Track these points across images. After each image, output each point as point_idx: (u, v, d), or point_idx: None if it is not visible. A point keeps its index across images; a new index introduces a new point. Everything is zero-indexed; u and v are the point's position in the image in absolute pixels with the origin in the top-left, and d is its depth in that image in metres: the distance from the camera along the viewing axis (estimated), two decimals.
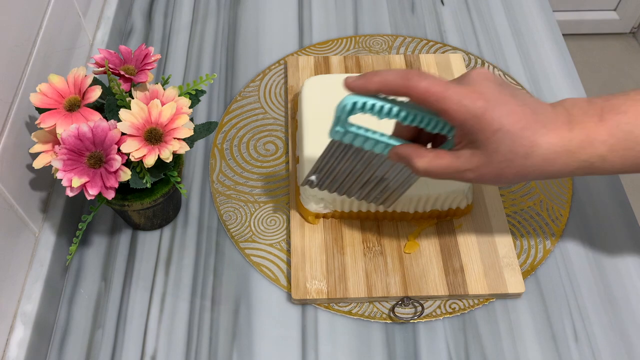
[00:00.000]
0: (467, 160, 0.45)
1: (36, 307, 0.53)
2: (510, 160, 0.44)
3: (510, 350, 0.55)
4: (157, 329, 0.56)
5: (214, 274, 0.59)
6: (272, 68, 0.75)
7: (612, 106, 0.44)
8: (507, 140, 0.43)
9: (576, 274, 0.59)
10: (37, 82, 0.54)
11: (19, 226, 0.53)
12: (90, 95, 0.51)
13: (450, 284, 0.57)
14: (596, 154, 0.44)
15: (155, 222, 0.61)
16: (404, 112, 0.45)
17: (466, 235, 0.60)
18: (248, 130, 0.69)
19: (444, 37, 0.79)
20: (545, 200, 0.64)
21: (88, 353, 0.54)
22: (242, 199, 0.64)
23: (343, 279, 0.57)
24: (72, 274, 0.59)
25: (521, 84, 0.74)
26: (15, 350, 0.50)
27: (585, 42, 1.92)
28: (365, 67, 0.73)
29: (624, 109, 0.44)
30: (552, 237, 0.62)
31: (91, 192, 0.48)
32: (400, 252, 0.59)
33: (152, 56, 0.55)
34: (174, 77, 0.74)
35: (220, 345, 0.55)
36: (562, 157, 0.44)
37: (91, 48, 0.70)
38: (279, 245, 0.60)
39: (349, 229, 0.60)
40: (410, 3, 0.83)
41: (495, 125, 0.43)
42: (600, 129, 0.44)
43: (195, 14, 0.81)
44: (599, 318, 0.57)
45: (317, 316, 0.57)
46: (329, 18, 0.81)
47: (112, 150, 0.49)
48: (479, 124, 0.43)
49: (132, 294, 0.58)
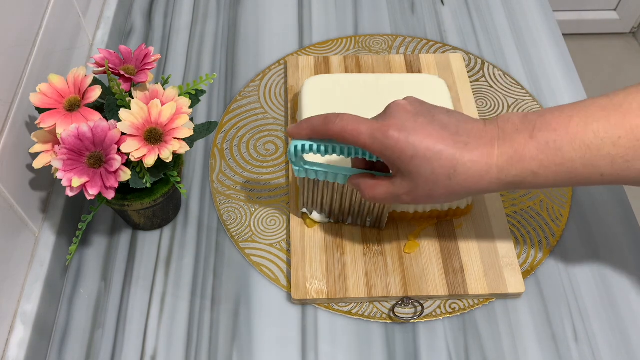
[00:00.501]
0: (400, 186, 0.48)
1: (36, 307, 0.53)
2: (434, 182, 0.46)
3: (510, 350, 0.55)
4: (157, 329, 0.56)
5: (214, 274, 0.59)
6: (272, 68, 0.75)
7: (544, 122, 0.45)
8: (425, 164, 0.45)
9: (576, 274, 0.59)
10: (37, 82, 0.54)
11: (19, 226, 0.53)
12: (90, 95, 0.51)
13: (450, 284, 0.57)
14: (527, 170, 0.45)
15: (155, 222, 0.61)
16: (337, 149, 0.50)
17: (466, 235, 0.60)
18: (248, 130, 0.69)
19: (444, 37, 0.79)
20: (545, 200, 0.64)
21: (88, 353, 0.54)
22: (242, 199, 0.64)
23: (343, 279, 0.57)
24: (72, 274, 0.59)
25: (521, 83, 0.74)
26: (15, 350, 0.50)
27: (585, 42, 1.92)
28: (365, 67, 0.73)
29: (554, 126, 0.45)
30: (552, 237, 0.62)
31: (91, 192, 0.48)
32: (400, 252, 0.59)
33: (152, 56, 0.55)
34: (174, 77, 0.74)
35: (220, 345, 0.55)
36: (490, 174, 0.46)
37: (91, 48, 0.70)
38: (279, 245, 0.60)
39: (349, 229, 0.60)
40: (410, 3, 0.83)
41: (409, 152, 0.45)
42: (529, 146, 0.45)
43: (195, 14, 0.81)
44: (599, 318, 0.57)
45: (317, 316, 0.57)
46: (329, 18, 0.81)
47: (112, 150, 0.49)
48: (394, 153, 0.46)
49: (132, 294, 0.58)
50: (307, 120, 0.49)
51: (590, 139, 0.44)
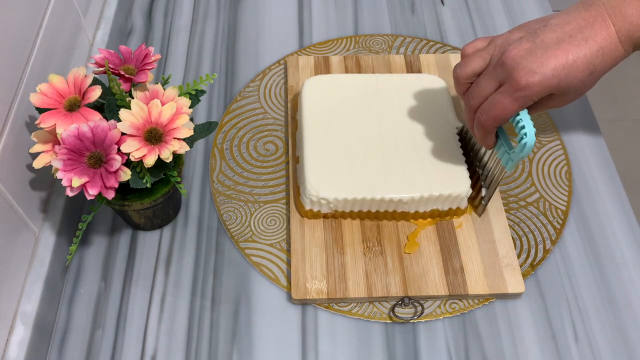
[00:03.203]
0: (555, 101, 0.54)
1: (36, 307, 0.53)
2: (583, 84, 0.52)
3: (510, 350, 0.55)
4: (157, 329, 0.56)
5: (214, 274, 0.59)
6: (272, 68, 0.75)
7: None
8: (569, 79, 0.51)
9: (576, 274, 0.59)
10: (37, 82, 0.54)
11: (19, 226, 0.53)
12: (90, 95, 0.51)
13: (450, 284, 0.57)
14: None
15: (155, 222, 0.61)
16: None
17: (466, 235, 0.60)
18: (248, 130, 0.69)
19: (444, 37, 0.79)
20: (545, 200, 0.64)
21: (88, 353, 0.54)
22: (242, 199, 0.64)
23: (343, 279, 0.57)
24: (72, 274, 0.59)
25: None
26: (15, 350, 0.50)
27: None
28: (365, 67, 0.73)
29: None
30: (552, 237, 0.62)
31: (91, 192, 0.48)
32: (400, 252, 0.59)
33: (152, 56, 0.55)
34: (174, 77, 0.74)
35: (220, 345, 0.55)
36: (618, 48, 0.51)
37: (91, 48, 0.70)
38: (279, 245, 0.60)
39: (349, 229, 0.60)
40: (410, 3, 0.83)
41: (552, 82, 0.50)
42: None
43: (195, 14, 0.81)
44: (599, 318, 0.57)
45: (317, 316, 0.57)
46: (329, 18, 0.81)
47: (112, 150, 0.49)
48: (542, 92, 0.51)
49: (132, 294, 0.58)
50: (475, 119, 0.54)
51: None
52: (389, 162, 0.60)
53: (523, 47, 0.51)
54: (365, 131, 0.63)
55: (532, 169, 0.66)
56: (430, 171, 0.60)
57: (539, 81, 0.49)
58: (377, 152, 0.61)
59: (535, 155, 0.67)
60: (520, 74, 0.49)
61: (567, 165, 0.67)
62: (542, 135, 0.69)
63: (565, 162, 0.67)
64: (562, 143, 0.69)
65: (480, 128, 0.54)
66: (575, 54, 0.50)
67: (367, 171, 0.60)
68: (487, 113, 0.52)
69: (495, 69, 0.52)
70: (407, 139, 0.62)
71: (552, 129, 0.70)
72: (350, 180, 0.59)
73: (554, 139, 0.69)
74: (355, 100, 0.65)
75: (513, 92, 0.50)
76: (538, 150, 0.68)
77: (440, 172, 0.60)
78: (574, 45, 0.50)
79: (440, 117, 0.64)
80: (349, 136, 0.62)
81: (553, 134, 0.69)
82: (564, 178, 0.66)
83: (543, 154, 0.68)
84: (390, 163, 0.60)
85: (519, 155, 0.53)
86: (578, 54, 0.50)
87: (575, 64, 0.50)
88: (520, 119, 0.52)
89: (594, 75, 0.51)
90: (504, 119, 0.52)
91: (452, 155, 0.61)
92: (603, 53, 0.50)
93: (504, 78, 0.51)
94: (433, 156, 0.61)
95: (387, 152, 0.61)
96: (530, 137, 0.51)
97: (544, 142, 0.69)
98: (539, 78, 0.49)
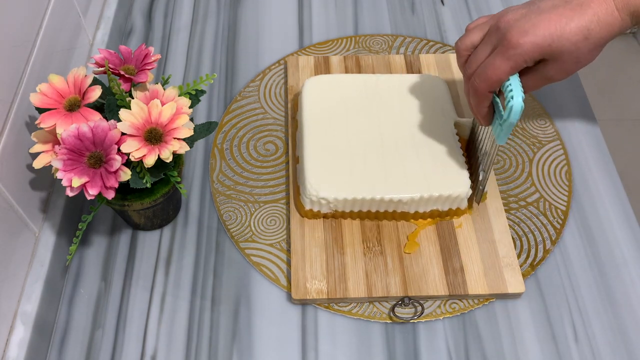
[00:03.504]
0: (549, 68, 0.53)
1: (36, 307, 0.53)
2: (577, 49, 0.51)
3: (510, 350, 0.55)
4: (157, 329, 0.56)
5: (214, 274, 0.59)
6: (272, 68, 0.75)
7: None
8: (563, 42, 0.50)
9: (576, 274, 0.59)
10: (37, 82, 0.54)
11: (19, 226, 0.53)
12: (90, 95, 0.51)
13: (450, 284, 0.57)
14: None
15: (155, 222, 0.61)
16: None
17: (466, 235, 0.60)
18: (248, 130, 0.69)
19: (444, 37, 0.79)
20: (545, 200, 0.64)
21: (88, 353, 0.54)
22: (242, 199, 0.64)
23: (343, 279, 0.57)
24: (72, 274, 0.59)
25: None
26: (15, 350, 0.50)
27: None
28: (365, 67, 0.73)
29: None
30: (552, 237, 0.62)
31: (91, 192, 0.48)
32: (400, 252, 0.59)
33: (152, 56, 0.55)
34: (174, 77, 0.74)
35: (220, 345, 0.55)
36: (614, 15, 0.51)
37: (91, 48, 0.70)
38: (279, 245, 0.60)
39: (349, 229, 0.60)
40: (410, 3, 0.83)
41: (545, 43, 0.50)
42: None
43: (195, 14, 0.81)
44: (599, 318, 0.57)
45: (317, 316, 0.57)
46: (329, 18, 0.81)
47: (112, 150, 0.49)
48: (534, 54, 0.51)
49: (132, 294, 0.58)
50: (470, 84, 0.54)
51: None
52: (389, 162, 0.60)
53: (519, 12, 0.52)
54: (365, 131, 0.63)
55: (532, 169, 0.66)
56: (430, 171, 0.60)
57: (531, 40, 0.50)
58: (377, 152, 0.61)
59: (535, 155, 0.67)
60: (512, 33, 0.50)
61: (567, 165, 0.67)
62: (542, 135, 0.69)
63: (565, 162, 0.67)
64: (562, 143, 0.69)
65: (474, 94, 0.54)
66: (569, 17, 0.50)
67: (367, 171, 0.60)
68: (480, 76, 0.52)
69: (490, 35, 0.53)
70: (407, 139, 0.62)
71: (552, 129, 0.70)
72: (350, 180, 0.59)
73: (554, 139, 0.69)
74: (355, 101, 0.65)
75: (505, 52, 0.51)
76: (538, 150, 0.68)
77: (440, 172, 0.60)
78: (569, 10, 0.51)
79: (440, 118, 0.64)
80: (349, 136, 0.62)
81: (553, 134, 0.69)
82: (564, 178, 0.66)
83: (543, 154, 0.68)
84: (390, 163, 0.60)
85: (507, 121, 0.52)
86: (572, 17, 0.50)
87: (569, 26, 0.50)
88: (509, 84, 0.52)
89: (588, 41, 0.51)
90: (497, 80, 0.52)
91: (452, 156, 0.61)
92: (598, 18, 0.51)
93: (497, 41, 0.52)
94: (433, 156, 0.61)
95: (387, 152, 0.61)
96: (516, 101, 0.51)
97: (544, 142, 0.69)
98: (531, 38, 0.50)
